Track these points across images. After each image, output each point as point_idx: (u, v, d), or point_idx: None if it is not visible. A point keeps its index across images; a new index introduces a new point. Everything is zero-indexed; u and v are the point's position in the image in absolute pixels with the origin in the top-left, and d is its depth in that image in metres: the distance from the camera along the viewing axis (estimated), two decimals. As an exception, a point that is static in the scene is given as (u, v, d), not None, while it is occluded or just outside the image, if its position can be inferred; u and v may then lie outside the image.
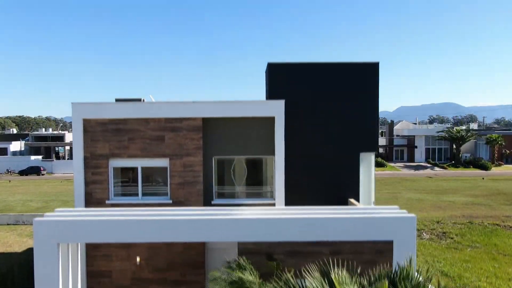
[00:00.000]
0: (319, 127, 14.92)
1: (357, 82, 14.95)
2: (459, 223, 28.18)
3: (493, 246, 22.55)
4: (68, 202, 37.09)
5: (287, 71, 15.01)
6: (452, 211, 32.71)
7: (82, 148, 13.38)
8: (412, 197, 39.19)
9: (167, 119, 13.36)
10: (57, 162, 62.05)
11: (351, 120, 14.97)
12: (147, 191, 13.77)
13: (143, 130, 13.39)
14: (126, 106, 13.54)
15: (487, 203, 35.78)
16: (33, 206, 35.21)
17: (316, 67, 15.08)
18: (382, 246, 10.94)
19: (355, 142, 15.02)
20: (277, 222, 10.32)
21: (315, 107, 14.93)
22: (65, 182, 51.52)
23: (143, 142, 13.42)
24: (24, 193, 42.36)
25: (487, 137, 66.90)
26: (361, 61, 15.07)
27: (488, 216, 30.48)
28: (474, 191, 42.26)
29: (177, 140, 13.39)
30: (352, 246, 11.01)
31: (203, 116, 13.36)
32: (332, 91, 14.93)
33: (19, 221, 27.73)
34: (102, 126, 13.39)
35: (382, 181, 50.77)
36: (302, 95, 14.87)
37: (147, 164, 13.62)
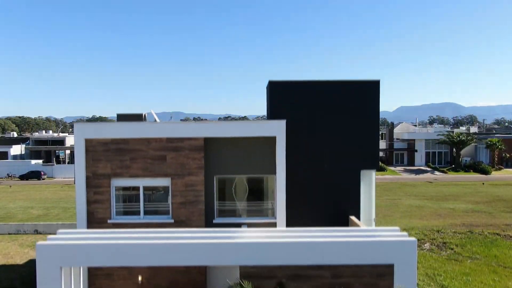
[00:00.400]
0: (320, 145, 14.97)
1: (358, 100, 15.01)
2: (459, 232, 28.22)
3: (493, 257, 22.59)
4: (69, 209, 37.24)
5: (288, 88, 15.08)
6: (452, 219, 32.76)
7: (84, 167, 13.44)
8: (412, 203, 39.22)
9: (168, 139, 13.42)
10: (58, 166, 62.11)
11: (352, 137, 15.03)
12: (149, 210, 13.83)
13: (145, 149, 13.45)
14: (127, 126, 13.60)
15: (487, 210, 35.83)
16: (34, 214, 35.26)
17: (317, 85, 15.13)
18: (383, 269, 10.98)
19: (356, 160, 15.08)
20: (278, 246, 10.40)
21: (316, 124, 14.99)
22: (66, 187, 51.58)
23: (145, 162, 13.48)
24: (25, 200, 42.40)
25: (487, 141, 66.94)
26: (363, 78, 15.14)
27: (488, 225, 30.53)
28: (474, 197, 42.30)
29: (178, 159, 13.45)
30: (353, 270, 11.04)
31: (205, 136, 13.42)
32: (333, 109, 14.99)
33: (20, 230, 27.76)
34: (104, 146, 13.45)
35: (382, 186, 50.82)
36: (303, 112, 14.93)
37: (149, 183, 13.68)
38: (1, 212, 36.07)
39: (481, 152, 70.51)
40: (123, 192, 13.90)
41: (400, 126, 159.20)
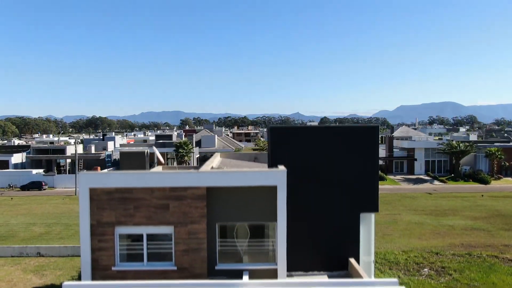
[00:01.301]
0: (321, 189, 15.22)
1: (357, 145, 15.25)
2: (458, 254, 28.50)
3: (491, 285, 22.88)
4: (71, 226, 37.50)
5: (288, 134, 15.32)
6: (451, 238, 33.03)
7: (89, 216, 13.67)
8: (412, 220, 39.47)
9: (171, 188, 13.64)
10: (59, 176, 62.31)
11: (352, 181, 15.28)
12: (152, 257, 14.05)
13: (148, 198, 13.68)
14: (131, 176, 13.82)
15: (486, 228, 36.09)
16: (36, 232, 35.50)
17: (317, 130, 15.38)
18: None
19: (356, 203, 15.32)
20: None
21: (316, 168, 15.23)
22: (67, 199, 51.83)
23: (148, 210, 13.71)
24: (26, 214, 42.63)
25: (487, 150, 67.20)
26: (361, 124, 15.38)
27: (487, 245, 30.83)
28: (473, 212, 42.55)
29: (181, 208, 13.68)
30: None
31: (207, 185, 13.65)
32: (333, 153, 15.23)
33: (23, 253, 28.03)
34: (108, 195, 13.67)
35: (382, 198, 50.88)
36: (304, 157, 15.17)
37: (152, 231, 13.90)
38: (3, 229, 36.30)
39: (480, 160, 70.75)
40: (127, 240, 14.13)
41: (400, 130, 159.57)
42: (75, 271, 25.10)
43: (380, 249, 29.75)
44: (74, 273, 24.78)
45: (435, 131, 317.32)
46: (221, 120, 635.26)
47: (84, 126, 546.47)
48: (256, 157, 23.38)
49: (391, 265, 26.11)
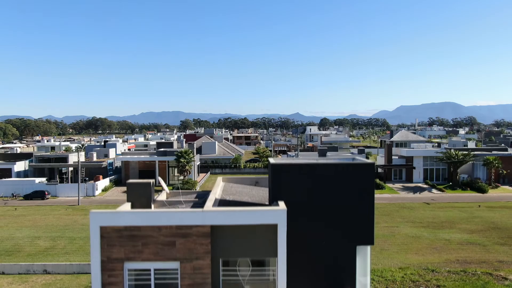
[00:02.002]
0: (319, 223, 15.99)
1: (354, 180, 16.03)
2: (453, 271, 29.27)
3: (485, 305, 23.65)
4: (75, 239, 38.27)
5: (288, 170, 16.10)
6: (447, 253, 33.79)
7: (99, 252, 14.43)
8: (409, 233, 40.22)
9: (178, 226, 14.41)
10: (61, 185, 63.03)
11: (349, 215, 16.05)
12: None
13: (156, 236, 14.45)
14: (139, 215, 14.59)
15: (481, 242, 36.85)
16: (41, 246, 36.26)
17: (316, 166, 16.16)
18: None
19: (352, 237, 16.09)
20: None
21: (315, 203, 16.00)
22: (70, 210, 52.57)
23: (156, 247, 14.47)
24: (31, 227, 43.39)
25: (484, 159, 67.98)
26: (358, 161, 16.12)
27: (482, 262, 31.59)
28: (469, 224, 43.31)
29: (187, 245, 14.45)
30: None
31: (211, 224, 14.43)
32: (331, 189, 16.00)
33: (29, 270, 28.79)
34: (118, 233, 14.44)
35: (381, 209, 51.83)
36: (303, 192, 15.95)
37: (160, 266, 14.66)
38: (9, 243, 37.06)
39: (478, 169, 71.51)
40: (136, 274, 14.89)
41: (400, 134, 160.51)
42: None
43: (378, 265, 30.53)
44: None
45: (435, 133, 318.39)
46: (221, 121, 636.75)
47: (84, 127, 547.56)
48: (257, 181, 24.12)
49: (388, 283, 26.87)
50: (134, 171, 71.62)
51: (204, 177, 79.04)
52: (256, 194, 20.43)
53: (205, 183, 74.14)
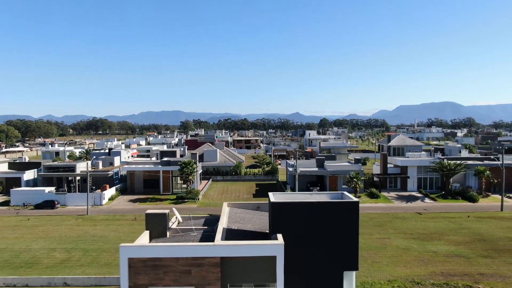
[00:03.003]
0: (312, 251, 18.85)
1: (342, 216, 18.90)
2: (437, 284, 32.12)
3: (462, 317, 26.48)
4: (88, 251, 41.09)
5: (286, 208, 18.97)
6: (433, 266, 36.61)
7: (127, 279, 17.30)
8: (400, 245, 43.02)
9: (193, 258, 17.28)
10: (70, 195, 65.83)
11: (336, 245, 18.92)
12: (177, 311, 17.65)
13: (175, 265, 17.32)
14: (161, 249, 17.46)
15: (466, 255, 39.66)
16: (58, 258, 39.04)
17: (309, 204, 19.02)
18: None
19: (339, 263, 18.97)
20: None
21: (309, 235, 18.87)
22: (80, 220, 55.36)
23: (174, 275, 17.35)
24: (45, 238, 46.17)
25: (476, 170, 70.85)
26: (344, 200, 18.96)
27: (464, 274, 34.42)
28: (457, 236, 46.13)
29: (201, 273, 17.32)
30: None
31: (221, 255, 17.30)
32: (322, 223, 18.88)
33: (51, 283, 31.57)
34: (143, 263, 17.31)
35: (375, 219, 54.70)
36: (299, 226, 18.83)
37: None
38: (27, 255, 39.86)
39: (470, 178, 74.33)
40: (157, 297, 17.72)
41: (397, 138, 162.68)
42: (100, 302, 28.70)
43: (368, 278, 33.36)
44: (99, 304, 28.38)
45: (433, 135, 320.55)
46: (221, 122, 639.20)
47: (84, 128, 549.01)
48: (259, 206, 26.98)
49: (376, 296, 29.71)
50: (139, 180, 74.40)
51: (206, 184, 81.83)
52: (258, 222, 23.24)
53: (208, 191, 76.94)
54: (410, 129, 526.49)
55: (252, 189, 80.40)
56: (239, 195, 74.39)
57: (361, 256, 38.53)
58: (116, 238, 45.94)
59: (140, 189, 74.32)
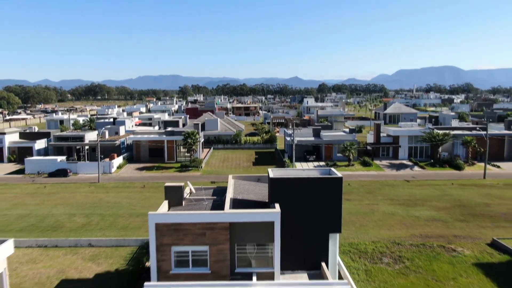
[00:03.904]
0: (303, 217, 23.05)
1: (328, 189, 22.98)
2: (414, 244, 36.71)
3: (432, 271, 31.14)
4: (105, 216, 45.59)
5: (282, 182, 23.02)
6: (414, 229, 41.21)
7: (155, 240, 21.54)
8: (386, 210, 47.56)
9: (207, 223, 21.46)
10: (81, 164, 70.01)
11: (323, 212, 23.10)
12: (195, 264, 22.01)
13: (192, 229, 21.51)
14: (182, 216, 21.61)
15: (444, 219, 44.24)
16: (79, 222, 43.54)
17: (301, 179, 23.07)
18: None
19: (326, 227, 23.22)
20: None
21: (300, 203, 23.02)
22: (93, 187, 59.77)
23: (192, 236, 21.57)
24: (64, 204, 50.57)
25: (463, 139, 74.96)
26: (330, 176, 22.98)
27: (440, 236, 39.02)
28: (439, 202, 50.67)
29: (213, 235, 21.56)
30: (318, 310, 19.33)
31: (229, 221, 21.48)
32: (311, 194, 22.98)
33: (77, 244, 36.04)
34: (167, 227, 21.50)
35: (366, 186, 59.22)
36: (292, 197, 22.94)
37: (195, 249, 21.82)
38: (52, 220, 44.33)
39: (458, 147, 78.47)
40: (179, 254, 22.02)
41: (393, 106, 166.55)
42: (123, 259, 33.23)
43: (355, 239, 37.94)
44: (123, 261, 32.91)
45: (430, 101, 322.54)
46: (220, 87, 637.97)
47: (83, 93, 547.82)
48: (259, 178, 31.05)
49: (360, 255, 34.32)
50: (144, 149, 78.46)
51: (208, 153, 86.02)
52: (259, 192, 27.40)
53: (210, 159, 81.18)
54: (408, 95, 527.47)
55: (251, 157, 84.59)
56: (239, 163, 78.65)
57: (350, 220, 43.31)
58: (128, 204, 50.41)
59: (145, 157, 78.49)
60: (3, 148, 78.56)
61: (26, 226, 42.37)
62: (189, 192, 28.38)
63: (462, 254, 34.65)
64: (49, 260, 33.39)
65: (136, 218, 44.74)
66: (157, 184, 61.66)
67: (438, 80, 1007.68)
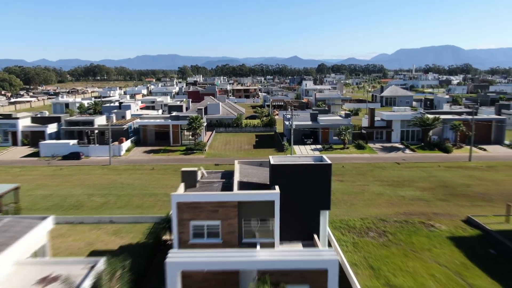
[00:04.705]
0: (299, 196, 27.72)
1: (319, 173, 27.58)
2: (398, 221, 41.55)
3: (411, 244, 36.00)
4: (120, 196, 50.30)
5: (281, 167, 27.59)
6: (399, 207, 46.02)
7: (176, 216, 26.23)
8: (376, 190, 52.32)
9: (219, 201, 26.13)
10: (92, 147, 74.53)
11: (315, 192, 27.76)
12: (209, 236, 26.75)
13: (207, 207, 26.18)
14: (198, 196, 26.25)
15: (427, 198, 49.05)
16: (98, 202, 48.28)
17: (296, 165, 27.63)
18: (323, 271, 24.07)
19: (317, 205, 27.91)
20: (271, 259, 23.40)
21: (296, 186, 27.65)
22: (105, 170, 64.43)
23: (207, 213, 26.26)
24: (81, 185, 55.28)
25: (451, 124, 79.42)
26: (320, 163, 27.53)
27: (421, 214, 43.85)
28: (425, 183, 55.42)
29: (224, 212, 26.24)
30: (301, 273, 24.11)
31: (238, 200, 26.15)
32: (305, 178, 27.59)
33: (100, 220, 40.82)
34: (186, 205, 26.17)
35: (359, 168, 63.94)
36: (290, 180, 27.55)
37: (209, 223, 26.53)
38: (73, 200, 49.05)
39: (447, 131, 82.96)
40: (196, 227, 26.72)
41: (390, 89, 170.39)
42: (141, 234, 38.03)
43: (346, 217, 42.75)
44: (142, 235, 37.71)
45: (428, 82, 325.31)
46: (219, 67, 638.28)
47: (82, 74, 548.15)
48: (261, 163, 35.59)
49: (350, 230, 39.16)
50: (151, 133, 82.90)
51: (211, 136, 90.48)
52: (261, 175, 32.01)
53: (212, 142, 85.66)
54: (407, 75, 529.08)
55: (252, 140, 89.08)
56: (241, 146, 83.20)
57: (343, 199, 48.12)
58: (140, 185, 55.14)
59: (152, 141, 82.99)
60: (17, 132, 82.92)
61: (51, 205, 47.11)
62: (201, 176, 32.96)
63: (439, 229, 39.54)
64: (78, 235, 38.22)
65: (149, 198, 49.49)
66: (164, 166, 66.38)
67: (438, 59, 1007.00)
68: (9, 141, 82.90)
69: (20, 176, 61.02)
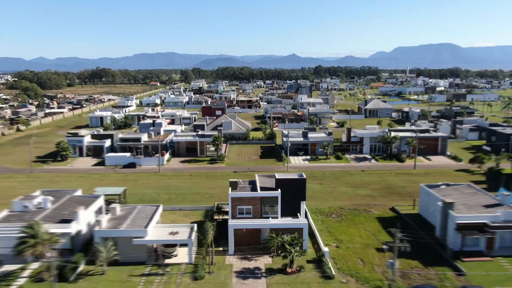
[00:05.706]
0: (289, 194, 56.16)
1: (299, 184, 55.99)
2: (350, 209, 69.57)
3: (354, 220, 64.09)
4: (178, 195, 78.23)
5: (281, 179, 56.12)
6: (353, 201, 74.04)
7: (231, 203, 54.62)
8: (342, 190, 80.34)
9: (251, 197, 54.59)
10: (143, 158, 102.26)
11: (297, 192, 56.21)
12: (246, 213, 55.06)
13: (245, 199, 54.54)
14: (241, 194, 54.71)
15: (374, 195, 77.10)
16: (165, 198, 76.07)
17: (289, 180, 56.09)
18: (299, 230, 52.38)
19: (298, 198, 56.44)
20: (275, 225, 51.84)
21: (288, 189, 56.08)
22: (159, 176, 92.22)
23: (246, 202, 54.67)
24: (147, 187, 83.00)
25: (406, 141, 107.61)
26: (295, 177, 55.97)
27: (366, 204, 71.90)
28: (376, 185, 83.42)
29: (254, 202, 54.68)
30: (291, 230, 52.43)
31: (260, 196, 54.59)
32: (292, 186, 56.02)
33: (173, 209, 68.70)
34: (236, 198, 54.56)
35: (334, 174, 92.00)
36: (285, 187, 56.00)
37: (247, 207, 54.89)
38: (148, 197, 76.84)
39: (403, 145, 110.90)
40: (241, 210, 54.89)
41: (373, 103, 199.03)
42: (201, 216, 65.81)
43: (319, 206, 70.69)
44: (201, 217, 65.52)
45: (415, 89, 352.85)
46: (220, 70, 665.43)
47: (88, 77, 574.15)
48: (270, 176, 63.60)
49: (320, 213, 67.12)
50: (183, 146, 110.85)
51: (226, 147, 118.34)
52: (270, 183, 60.44)
53: (229, 153, 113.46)
54: (399, 78, 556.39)
55: (258, 151, 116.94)
56: (250, 156, 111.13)
57: (319, 196, 76.39)
58: (188, 187, 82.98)
59: (183, 153, 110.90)
60: (83, 146, 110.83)
61: (137, 200, 74.83)
62: (239, 183, 61.07)
63: (372, 213, 67.67)
64: (163, 217, 66.08)
65: (196, 196, 77.36)
66: (198, 173, 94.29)
67: (436, 57, 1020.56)
68: (77, 153, 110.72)
69: (102, 180, 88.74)
